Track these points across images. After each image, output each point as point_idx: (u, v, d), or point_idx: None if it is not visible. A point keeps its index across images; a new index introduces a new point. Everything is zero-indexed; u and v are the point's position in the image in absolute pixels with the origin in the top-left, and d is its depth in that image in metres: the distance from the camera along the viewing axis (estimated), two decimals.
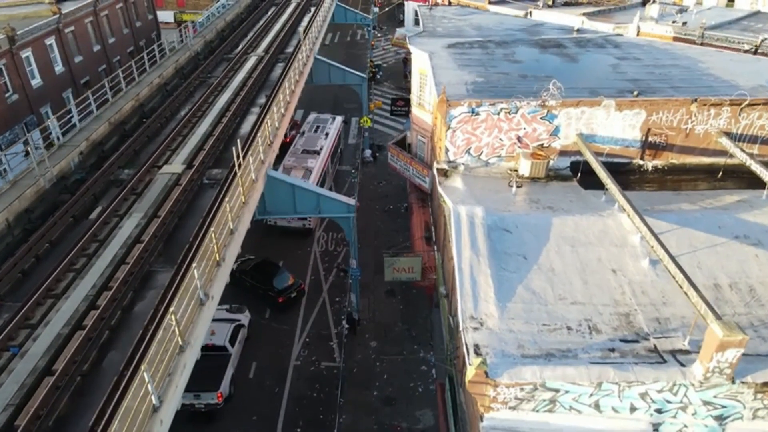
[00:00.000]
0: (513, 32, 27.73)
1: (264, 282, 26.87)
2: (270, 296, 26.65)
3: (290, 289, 26.98)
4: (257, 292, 26.89)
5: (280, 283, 26.92)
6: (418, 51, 24.63)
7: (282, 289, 26.75)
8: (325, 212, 23.58)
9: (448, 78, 21.13)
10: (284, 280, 27.12)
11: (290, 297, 26.86)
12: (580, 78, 21.55)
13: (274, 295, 26.60)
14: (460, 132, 19.26)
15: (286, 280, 27.17)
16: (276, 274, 27.18)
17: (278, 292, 26.64)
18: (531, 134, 19.31)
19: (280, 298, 26.61)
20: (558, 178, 19.10)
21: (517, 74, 21.95)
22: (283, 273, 27.38)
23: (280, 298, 26.61)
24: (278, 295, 26.59)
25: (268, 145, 22.15)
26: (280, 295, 26.62)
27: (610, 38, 26.49)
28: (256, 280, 27.05)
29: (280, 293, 26.66)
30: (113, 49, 40.04)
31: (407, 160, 27.20)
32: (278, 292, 26.64)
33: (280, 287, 26.76)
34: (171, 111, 28.67)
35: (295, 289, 27.13)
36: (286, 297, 26.74)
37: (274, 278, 26.96)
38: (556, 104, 18.71)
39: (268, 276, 27.03)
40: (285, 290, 26.83)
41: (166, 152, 24.24)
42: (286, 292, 26.81)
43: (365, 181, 38.50)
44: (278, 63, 36.63)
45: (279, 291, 26.66)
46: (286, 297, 26.72)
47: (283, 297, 26.65)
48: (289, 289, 26.94)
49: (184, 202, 20.54)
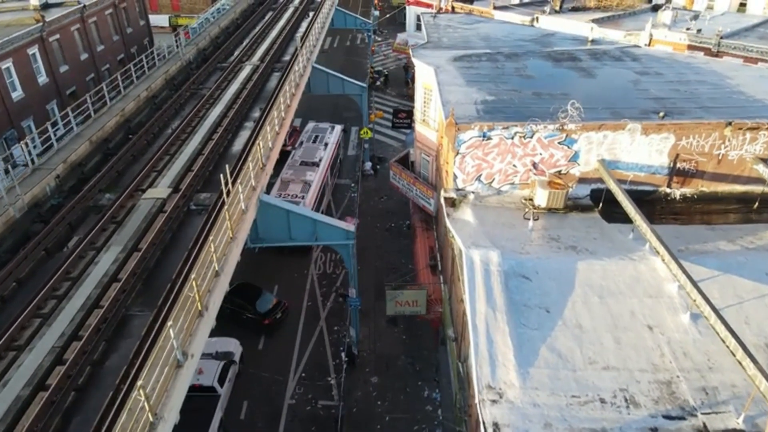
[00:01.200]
0: (523, 43, 26.01)
1: (246, 306, 25.33)
2: (254, 320, 25.19)
3: (275, 311, 25.65)
4: (240, 318, 25.21)
5: (263, 305, 25.61)
6: (422, 64, 22.93)
7: (266, 312, 25.42)
8: (322, 239, 21.88)
9: (456, 96, 19.42)
10: (267, 302, 25.79)
11: (276, 318, 25.55)
12: (599, 96, 19.83)
13: (259, 319, 25.19)
14: (470, 158, 17.54)
15: (269, 302, 25.84)
16: (258, 296, 25.84)
17: (262, 314, 25.30)
18: (548, 160, 17.60)
19: (265, 321, 25.24)
20: (578, 208, 17.39)
21: (530, 92, 20.24)
22: (264, 295, 26.10)
23: (265, 321, 25.24)
24: (263, 318, 25.25)
25: (261, 169, 20.43)
26: (265, 318, 25.28)
27: (628, 50, 24.78)
28: (237, 305, 25.49)
29: (265, 316, 25.33)
30: (102, 57, 38.30)
31: (410, 179, 25.48)
32: (262, 314, 25.30)
33: (263, 310, 25.48)
34: (159, 126, 26.95)
35: (280, 310, 25.82)
36: (272, 319, 25.38)
37: (257, 301, 25.63)
38: (576, 128, 16.99)
39: (250, 299, 25.55)
40: (269, 312, 25.50)
41: (152, 174, 22.51)
42: (271, 314, 25.46)
43: (365, 195, 36.78)
44: (274, 72, 34.91)
45: (263, 314, 25.33)
46: (271, 319, 25.36)
47: (268, 319, 25.30)
48: (273, 311, 25.61)
49: (168, 233, 18.82)
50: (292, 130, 42.56)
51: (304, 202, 29.23)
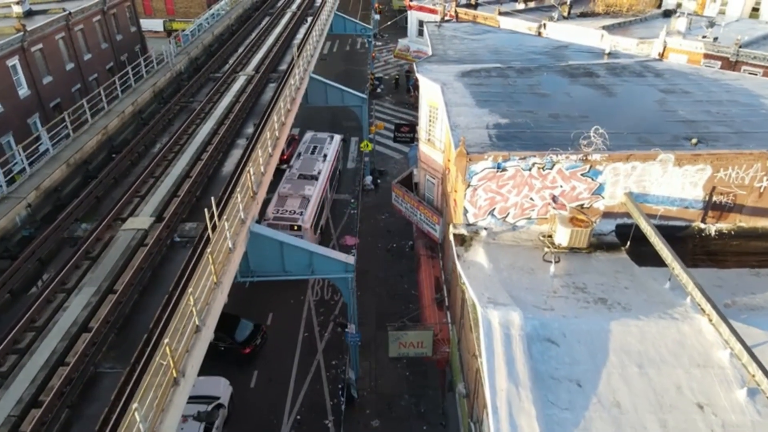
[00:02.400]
0: (535, 56, 24.22)
1: (223, 337, 23.55)
2: (233, 351, 23.56)
3: (254, 337, 24.07)
4: (218, 350, 23.39)
5: (242, 333, 24.01)
6: (427, 81, 21.14)
7: (245, 340, 23.83)
8: (319, 272, 20.12)
9: (466, 119, 17.63)
10: (245, 329, 24.20)
11: (257, 345, 24.04)
12: (622, 119, 18.05)
13: (238, 348, 23.58)
14: (483, 190, 15.75)
15: (247, 329, 24.26)
16: (234, 325, 24.18)
17: (242, 343, 23.69)
18: (569, 193, 15.81)
19: (245, 350, 23.66)
20: (602, 247, 15.60)
21: (547, 113, 18.44)
22: (241, 322, 24.47)
23: (245, 350, 23.66)
24: (243, 347, 23.66)
25: (251, 198, 18.64)
26: (245, 347, 23.70)
27: (649, 64, 22.98)
28: (215, 337, 23.67)
29: (245, 344, 23.73)
30: (89, 67, 36.53)
31: (414, 203, 23.69)
32: (242, 343, 23.69)
33: (242, 338, 23.85)
34: (145, 144, 25.15)
35: (260, 335, 24.31)
36: (253, 346, 23.85)
37: (234, 330, 23.94)
38: (602, 159, 15.20)
39: (226, 329, 23.79)
40: (249, 340, 23.90)
41: (134, 200, 20.74)
42: (251, 342, 23.88)
43: (365, 212, 34.98)
44: (270, 83, 33.13)
45: (242, 342, 23.72)
46: (252, 346, 23.82)
47: (249, 347, 23.74)
48: (253, 338, 24.03)
49: (148, 270, 17.03)
50: (291, 139, 40.86)
51: (302, 219, 27.53)
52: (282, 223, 27.51)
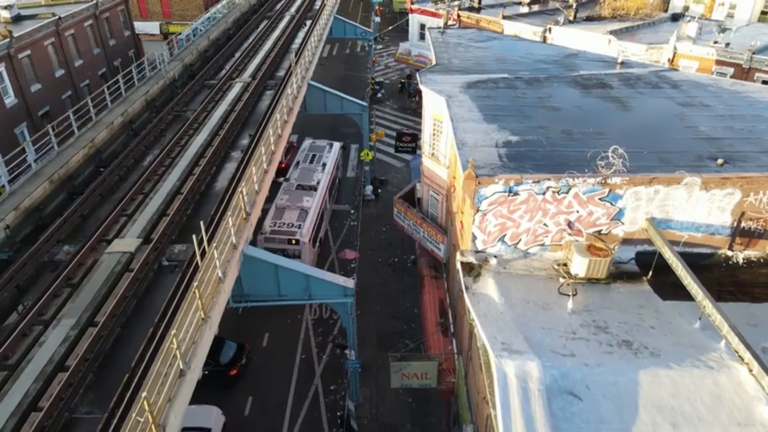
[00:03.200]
0: (544, 66, 23.05)
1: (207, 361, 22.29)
2: (219, 374, 22.49)
3: (239, 358, 23.04)
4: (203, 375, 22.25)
5: (226, 355, 22.97)
6: (431, 93, 19.98)
7: (230, 362, 22.79)
8: (316, 297, 18.97)
9: (474, 137, 16.47)
10: (229, 351, 23.15)
11: (242, 366, 23.04)
12: (640, 135, 16.89)
13: (224, 371, 22.54)
14: (493, 216, 14.58)
15: (231, 350, 23.21)
16: (218, 347, 23.06)
17: (227, 366, 22.67)
18: (585, 218, 14.64)
19: (231, 372, 22.63)
20: (622, 277, 14.43)
21: (560, 130, 17.27)
22: (224, 344, 23.39)
23: (231, 372, 22.63)
24: (229, 369, 22.64)
25: (244, 219, 17.48)
26: (231, 369, 22.68)
27: (664, 75, 21.82)
28: None
29: (230, 366, 22.71)
30: (81, 73, 35.36)
31: (417, 220, 22.53)
32: (227, 366, 22.67)
33: (226, 360, 22.82)
34: (135, 158, 24.00)
35: (244, 355, 23.27)
36: (238, 367, 22.85)
37: (218, 353, 22.85)
38: (622, 182, 14.04)
39: (210, 352, 22.46)
40: (234, 361, 22.87)
41: (120, 219, 19.59)
42: (236, 363, 22.85)
43: (366, 224, 33.81)
44: (267, 90, 32.01)
45: (227, 364, 22.70)
46: (238, 368, 22.82)
47: (234, 369, 22.73)
48: (237, 359, 23.00)
49: (132, 299, 15.88)
50: (289, 146, 39.71)
51: (300, 232, 26.39)
52: (279, 237, 26.39)
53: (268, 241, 26.45)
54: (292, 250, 26.56)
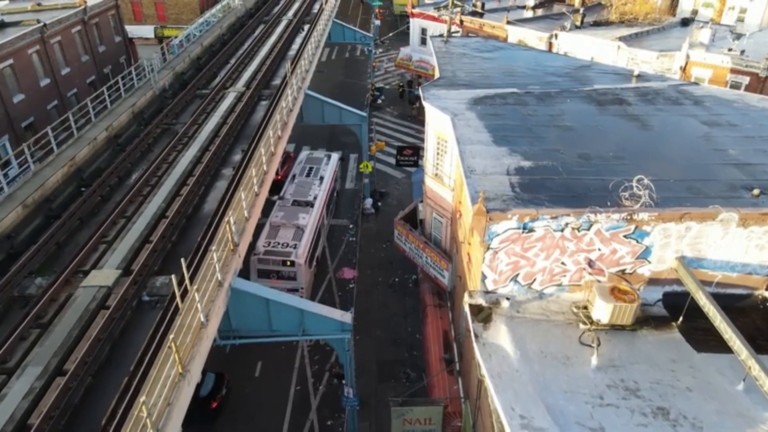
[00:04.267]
0: (555, 79, 21.60)
1: None
2: (199, 407, 20.85)
3: (219, 389, 21.67)
4: None
5: (205, 387, 21.51)
6: (435, 110, 18.53)
7: (209, 394, 21.41)
8: (311, 332, 17.53)
9: (483, 162, 15.01)
10: (208, 382, 21.71)
11: (223, 397, 21.73)
12: (664, 160, 15.44)
13: (203, 404, 21.10)
14: (505, 254, 13.14)
15: (210, 382, 21.78)
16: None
17: (206, 398, 21.28)
18: (608, 257, 13.20)
19: (212, 405, 21.29)
20: (649, 322, 12.98)
21: (576, 153, 15.80)
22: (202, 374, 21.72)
23: (212, 405, 21.29)
24: (209, 402, 21.28)
25: (231, 251, 16.02)
26: (211, 402, 21.32)
27: (684, 89, 20.36)
28: None
29: (210, 399, 21.36)
30: (68, 82, 33.92)
31: (419, 244, 21.08)
32: (206, 398, 21.28)
33: (206, 393, 21.40)
34: (119, 176, 22.53)
35: (224, 386, 21.91)
36: (219, 399, 21.53)
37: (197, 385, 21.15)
38: (650, 218, 12.58)
39: None
40: (213, 393, 21.49)
41: (99, 247, 18.13)
42: (216, 395, 21.50)
43: (365, 240, 32.36)
44: (261, 101, 30.56)
45: (206, 397, 21.31)
46: (218, 399, 21.50)
47: (215, 401, 21.39)
48: (217, 390, 21.63)
49: (107, 342, 14.42)
50: (286, 157, 38.29)
51: (296, 253, 24.93)
52: (273, 258, 24.96)
53: (261, 262, 25.02)
54: (286, 272, 25.13)
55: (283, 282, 25.40)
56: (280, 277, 25.38)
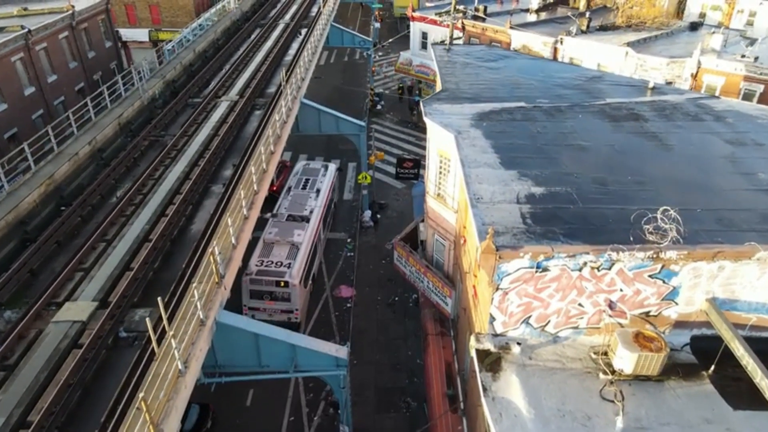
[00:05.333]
0: (565, 91, 20.29)
1: None
2: None
3: (204, 422, 20.33)
4: None
5: (189, 420, 20.11)
6: (438, 128, 17.22)
7: (194, 428, 20.07)
8: (304, 368, 16.25)
9: (490, 189, 13.70)
10: (192, 414, 20.31)
11: (208, 430, 20.43)
12: (688, 185, 14.17)
13: None
14: (516, 294, 11.84)
15: (194, 413, 20.40)
16: None
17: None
18: (631, 297, 11.90)
19: None
20: (677, 371, 11.68)
21: (591, 177, 14.50)
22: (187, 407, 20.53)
23: None
24: None
25: (216, 284, 14.71)
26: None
27: (704, 103, 19.06)
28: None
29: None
30: (54, 90, 32.61)
31: (421, 268, 19.77)
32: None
33: (190, 426, 20.05)
34: (102, 194, 21.23)
35: (210, 417, 20.60)
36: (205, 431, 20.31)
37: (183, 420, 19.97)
38: (678, 257, 11.27)
39: None
40: (198, 426, 20.15)
41: (75, 275, 16.85)
42: (201, 428, 20.17)
43: (363, 254, 31.04)
44: (255, 111, 29.27)
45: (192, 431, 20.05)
46: None
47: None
48: (202, 423, 20.28)
49: (77, 388, 13.11)
50: (282, 167, 37.05)
51: (290, 273, 23.64)
52: (266, 279, 23.66)
53: (254, 282, 23.73)
54: (280, 293, 23.84)
55: (276, 303, 24.15)
56: (274, 299, 24.10)
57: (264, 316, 24.54)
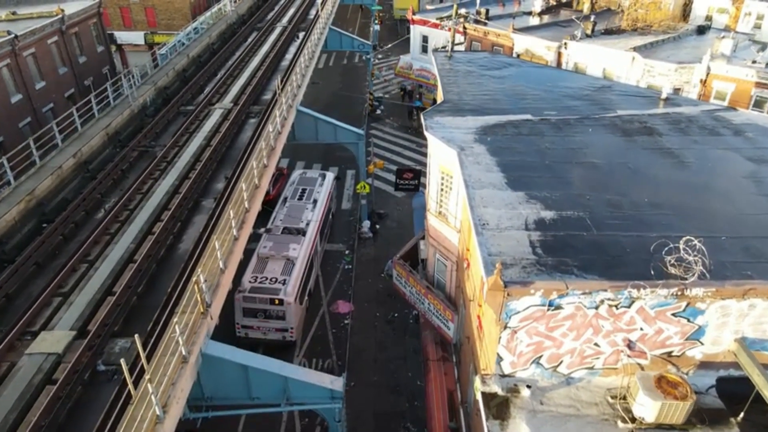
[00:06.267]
0: (573, 102, 19.27)
1: None
2: None
3: None
4: None
5: None
6: (439, 143, 16.20)
7: None
8: (297, 400, 15.20)
9: (496, 213, 12.68)
10: None
11: None
12: (709, 209, 13.17)
13: None
14: (526, 333, 10.81)
15: None
16: None
17: None
18: (652, 337, 10.87)
19: None
20: (703, 418, 10.66)
21: (605, 199, 13.49)
22: None
23: None
24: None
25: (202, 314, 13.68)
26: None
27: (721, 116, 18.03)
28: None
29: None
30: (43, 97, 31.58)
31: (421, 289, 18.74)
32: None
33: None
34: (86, 208, 20.19)
35: None
36: None
37: None
38: (705, 295, 10.25)
39: None
40: None
41: (53, 300, 15.81)
42: None
43: (362, 267, 30.01)
44: (250, 119, 28.22)
45: None
46: None
47: None
48: None
49: (49, 430, 12.07)
50: (279, 174, 36.10)
51: (285, 290, 22.67)
52: (260, 296, 22.68)
53: (247, 300, 22.73)
54: (275, 311, 22.85)
55: (271, 322, 23.17)
56: (268, 317, 23.11)
57: (258, 334, 23.57)
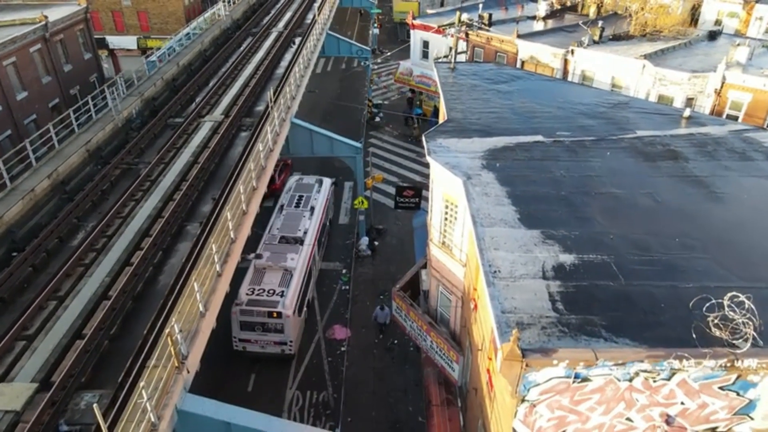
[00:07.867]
0: (588, 122, 17.74)
1: None
2: None
3: None
4: None
5: None
6: (443, 170, 14.67)
7: None
8: None
9: (510, 258, 11.15)
10: None
11: None
12: (748, 251, 11.66)
13: None
14: (547, 407, 9.28)
15: None
16: None
17: None
18: (694, 412, 9.34)
19: None
20: None
21: (630, 238, 11.97)
22: None
23: None
24: None
25: (176, 369, 12.13)
26: None
27: (751, 137, 16.50)
28: None
29: None
30: (24, 108, 30.04)
31: (423, 325, 17.22)
32: None
33: None
34: (61, 235, 18.69)
35: None
36: None
37: None
38: (759, 366, 8.72)
39: None
40: None
41: (16, 345, 14.28)
42: None
43: (359, 288, 28.48)
44: (241, 133, 26.69)
45: None
46: None
47: None
48: None
49: None
50: (283, 164, 34.93)
51: (283, 302, 21.54)
52: (258, 309, 21.53)
53: (244, 314, 21.60)
54: (273, 323, 21.64)
55: (269, 335, 22.04)
56: (266, 330, 21.97)
57: (256, 348, 22.56)
